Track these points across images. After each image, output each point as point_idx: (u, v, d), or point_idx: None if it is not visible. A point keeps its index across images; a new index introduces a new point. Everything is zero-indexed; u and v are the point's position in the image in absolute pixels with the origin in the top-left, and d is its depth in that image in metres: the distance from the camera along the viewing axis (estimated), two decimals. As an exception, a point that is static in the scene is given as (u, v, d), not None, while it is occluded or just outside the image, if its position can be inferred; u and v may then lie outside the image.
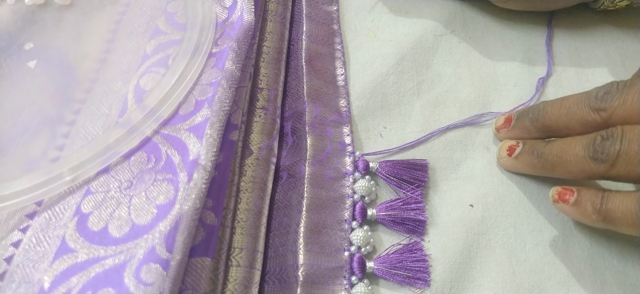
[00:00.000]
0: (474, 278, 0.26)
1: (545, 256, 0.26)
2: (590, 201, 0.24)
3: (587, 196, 0.24)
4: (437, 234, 0.27)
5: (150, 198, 0.23)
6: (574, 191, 0.25)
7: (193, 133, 0.25)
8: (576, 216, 0.25)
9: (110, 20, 0.33)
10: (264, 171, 0.27)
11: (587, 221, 0.25)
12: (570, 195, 0.25)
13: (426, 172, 0.28)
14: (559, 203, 0.25)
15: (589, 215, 0.24)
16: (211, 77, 0.28)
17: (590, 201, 0.24)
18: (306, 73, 0.31)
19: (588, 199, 0.24)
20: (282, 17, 0.34)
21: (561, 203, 0.25)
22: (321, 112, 0.30)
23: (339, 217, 0.27)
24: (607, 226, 0.24)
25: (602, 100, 0.24)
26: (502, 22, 0.36)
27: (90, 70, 0.30)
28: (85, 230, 0.23)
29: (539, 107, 0.27)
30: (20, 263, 0.23)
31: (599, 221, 0.24)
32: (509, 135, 0.29)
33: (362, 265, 0.25)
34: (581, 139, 0.24)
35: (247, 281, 0.24)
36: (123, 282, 0.21)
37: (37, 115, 0.28)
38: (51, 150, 0.27)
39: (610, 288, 0.26)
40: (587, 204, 0.24)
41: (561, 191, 0.25)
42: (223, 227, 0.24)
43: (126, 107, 0.28)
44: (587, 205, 0.24)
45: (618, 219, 0.23)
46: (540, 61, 0.34)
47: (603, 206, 0.23)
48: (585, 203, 0.24)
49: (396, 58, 0.33)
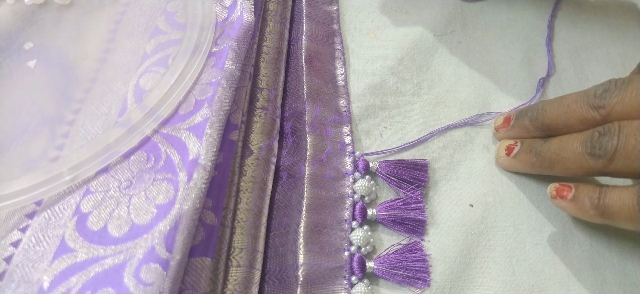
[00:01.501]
0: (474, 278, 0.26)
1: (545, 256, 0.26)
2: (587, 197, 0.24)
3: (584, 191, 0.24)
4: (437, 234, 0.27)
5: (150, 197, 0.23)
6: (572, 187, 0.25)
7: (193, 132, 0.25)
8: (574, 212, 0.25)
9: (110, 20, 0.33)
10: (264, 171, 0.27)
11: (585, 216, 0.25)
12: (567, 191, 0.25)
13: (426, 172, 0.28)
14: (557, 199, 0.25)
15: (587, 211, 0.24)
16: (211, 77, 0.28)
17: (588, 197, 0.24)
18: (306, 73, 0.31)
19: (586, 194, 0.24)
20: (282, 17, 0.34)
21: (559, 199, 0.25)
22: (321, 112, 0.30)
23: (339, 217, 0.27)
24: (605, 221, 0.24)
25: (600, 97, 0.24)
26: (502, 22, 0.36)
27: (90, 70, 0.30)
28: (85, 229, 0.23)
29: (538, 106, 0.27)
30: (19, 262, 0.23)
31: (597, 217, 0.24)
32: (508, 135, 0.29)
33: (362, 265, 0.25)
34: (579, 136, 0.24)
35: (247, 281, 0.24)
36: (123, 282, 0.21)
37: (37, 114, 0.28)
38: (51, 149, 0.27)
39: (610, 287, 0.25)
40: (584, 199, 0.24)
41: (559, 187, 0.25)
42: (223, 227, 0.24)
43: (126, 106, 0.28)
44: (585, 200, 0.24)
45: (616, 213, 0.23)
46: (540, 61, 0.34)
47: (601, 201, 0.23)
48: (582, 199, 0.24)
49: (396, 58, 0.33)
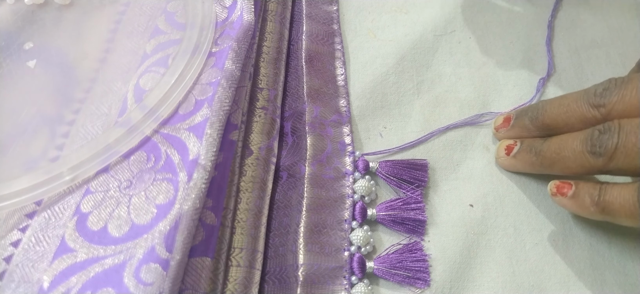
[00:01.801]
0: (474, 278, 0.26)
1: (545, 256, 0.26)
2: (588, 194, 0.24)
3: (585, 188, 0.24)
4: (437, 234, 0.27)
5: (150, 197, 0.23)
6: (572, 184, 0.25)
7: (193, 132, 0.25)
8: (574, 209, 0.25)
9: (110, 20, 0.33)
10: (264, 171, 0.27)
11: (585, 213, 0.25)
12: (568, 188, 0.25)
13: (426, 172, 0.28)
14: (557, 196, 0.25)
15: (587, 207, 0.24)
16: (211, 77, 0.28)
17: (588, 194, 0.24)
18: (306, 73, 0.31)
19: (586, 191, 0.24)
20: (282, 17, 0.34)
21: (559, 197, 0.25)
22: (321, 112, 0.30)
23: (339, 217, 0.27)
24: (606, 218, 0.24)
25: (600, 96, 0.24)
26: (502, 22, 0.36)
27: (90, 70, 0.30)
28: (85, 229, 0.23)
29: (538, 106, 0.27)
30: (19, 262, 0.23)
31: (597, 213, 0.24)
32: (508, 135, 0.29)
33: (362, 265, 0.25)
34: (578, 134, 0.24)
35: (247, 281, 0.24)
36: (123, 282, 0.21)
37: (37, 114, 0.28)
38: (51, 149, 0.27)
39: (610, 287, 0.25)
40: (585, 196, 0.24)
41: (559, 184, 0.25)
42: (223, 227, 0.24)
43: (126, 106, 0.28)
44: (585, 197, 0.24)
45: (616, 210, 0.23)
46: (540, 61, 0.34)
47: (601, 198, 0.23)
48: (583, 196, 0.24)
49: (396, 58, 0.33)
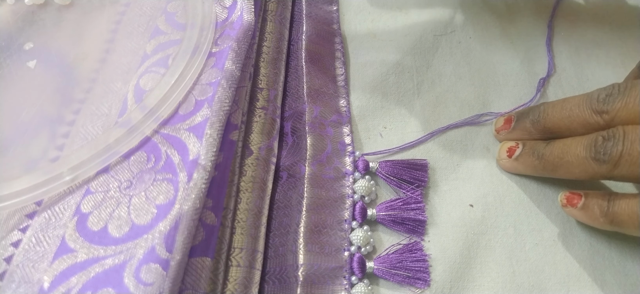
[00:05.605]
0: (474, 278, 0.26)
1: (545, 256, 0.26)
2: (597, 205, 0.24)
3: (594, 200, 0.25)
4: (437, 234, 0.27)
5: (150, 198, 0.23)
6: (582, 195, 0.25)
7: (193, 133, 0.25)
8: (584, 220, 0.25)
9: (110, 20, 0.33)
10: (264, 171, 0.27)
11: (594, 224, 0.25)
12: (577, 199, 0.25)
13: (426, 172, 0.28)
14: (567, 207, 0.26)
15: (597, 218, 0.24)
16: (211, 77, 0.28)
17: (598, 205, 0.24)
18: (306, 73, 0.31)
19: (595, 203, 0.25)
20: (281, 17, 0.34)
21: (569, 208, 0.26)
22: (321, 112, 0.30)
23: (339, 217, 0.27)
24: (614, 229, 0.24)
25: (604, 102, 0.24)
26: (502, 22, 0.36)
27: (90, 70, 0.30)
28: (85, 229, 0.23)
29: (540, 109, 0.27)
30: (20, 262, 0.23)
31: (606, 224, 0.24)
32: (509, 137, 0.29)
33: (362, 265, 0.25)
34: (582, 140, 0.24)
35: (247, 281, 0.24)
36: (123, 282, 0.21)
37: (37, 115, 0.28)
38: (51, 150, 0.27)
39: (610, 287, 0.26)
40: (594, 208, 0.24)
41: (569, 195, 0.26)
42: (223, 227, 0.24)
43: (126, 106, 0.28)
44: (595, 208, 0.24)
45: (624, 222, 0.23)
46: (540, 61, 0.34)
47: (610, 210, 0.24)
48: (592, 207, 0.25)
49: (396, 58, 0.33)
